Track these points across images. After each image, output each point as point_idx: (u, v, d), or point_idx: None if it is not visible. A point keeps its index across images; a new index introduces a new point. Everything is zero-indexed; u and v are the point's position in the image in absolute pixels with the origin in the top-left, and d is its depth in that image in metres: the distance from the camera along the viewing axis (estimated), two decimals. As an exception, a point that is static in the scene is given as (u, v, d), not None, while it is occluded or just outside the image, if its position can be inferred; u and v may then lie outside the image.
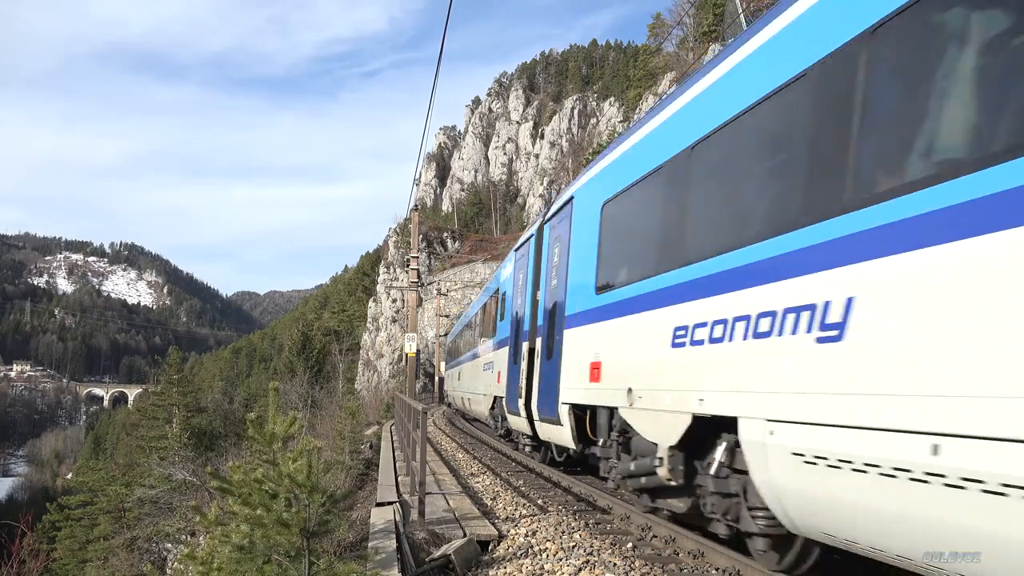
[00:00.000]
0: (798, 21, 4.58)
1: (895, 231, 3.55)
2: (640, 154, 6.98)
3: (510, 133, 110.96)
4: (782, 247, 4.41)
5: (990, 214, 3.05)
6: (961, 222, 3.19)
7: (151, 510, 30.00)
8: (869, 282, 3.67)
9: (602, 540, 6.81)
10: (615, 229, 7.59)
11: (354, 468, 19.55)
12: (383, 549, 6.10)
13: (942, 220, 3.29)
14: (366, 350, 72.83)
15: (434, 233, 71.83)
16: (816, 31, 4.36)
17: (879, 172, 3.81)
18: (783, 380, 4.28)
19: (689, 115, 6.00)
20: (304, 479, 4.92)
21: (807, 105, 4.37)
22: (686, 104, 6.11)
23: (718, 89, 5.55)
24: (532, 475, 11.95)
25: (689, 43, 58.34)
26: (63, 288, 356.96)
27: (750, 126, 5.01)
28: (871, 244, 3.68)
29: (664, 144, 6.37)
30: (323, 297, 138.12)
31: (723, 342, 4.93)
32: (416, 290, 26.57)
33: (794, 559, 5.03)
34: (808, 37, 4.43)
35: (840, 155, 4.03)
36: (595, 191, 8.27)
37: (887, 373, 3.52)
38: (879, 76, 3.88)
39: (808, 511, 4.26)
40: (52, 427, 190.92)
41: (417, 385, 30.84)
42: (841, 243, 3.90)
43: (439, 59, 10.96)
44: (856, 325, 3.73)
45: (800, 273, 4.21)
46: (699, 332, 5.28)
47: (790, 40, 4.64)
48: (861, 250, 3.74)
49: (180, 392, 44.60)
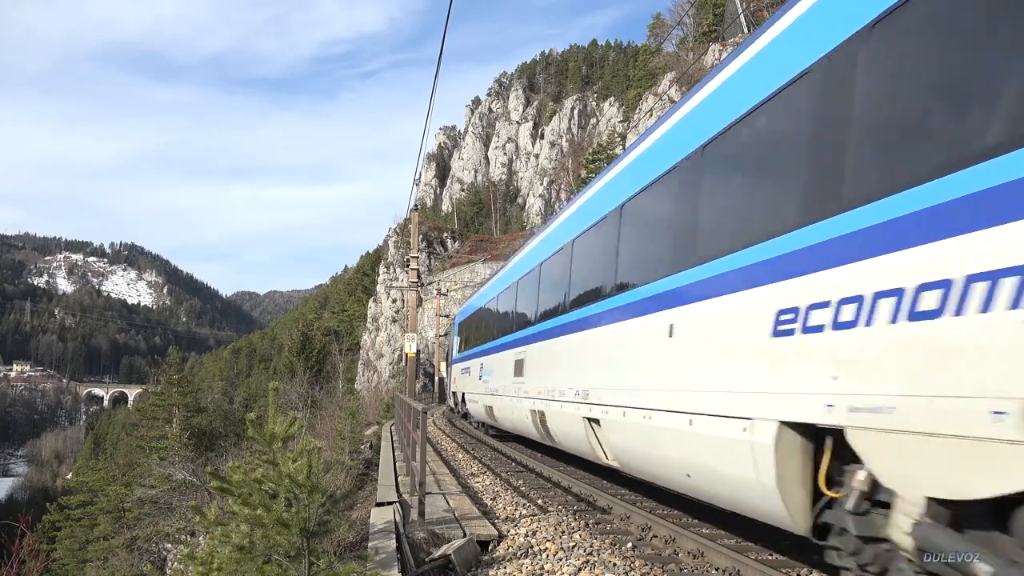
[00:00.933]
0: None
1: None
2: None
3: (510, 133, 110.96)
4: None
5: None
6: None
7: (151, 510, 30.00)
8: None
9: (602, 540, 6.81)
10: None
11: (354, 468, 19.56)
12: (383, 549, 6.10)
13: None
14: (366, 350, 72.83)
15: (434, 233, 71.82)
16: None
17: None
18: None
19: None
20: (304, 479, 4.92)
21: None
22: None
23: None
24: (532, 475, 11.95)
25: (689, 43, 58.34)
26: (63, 288, 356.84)
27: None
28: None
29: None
30: (323, 297, 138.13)
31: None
32: (416, 290, 26.57)
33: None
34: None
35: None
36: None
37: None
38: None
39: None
40: (52, 427, 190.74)
41: (417, 385, 30.84)
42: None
43: (439, 59, 10.96)
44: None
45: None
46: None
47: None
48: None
49: (180, 392, 44.60)
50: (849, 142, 4.16)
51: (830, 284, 4.13)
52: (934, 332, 3.38)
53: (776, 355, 4.60)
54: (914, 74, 3.78)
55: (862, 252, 3.89)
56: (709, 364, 5.48)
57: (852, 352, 3.90)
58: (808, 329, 4.28)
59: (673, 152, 6.50)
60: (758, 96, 5.10)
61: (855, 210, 3.99)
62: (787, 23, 4.93)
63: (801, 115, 4.65)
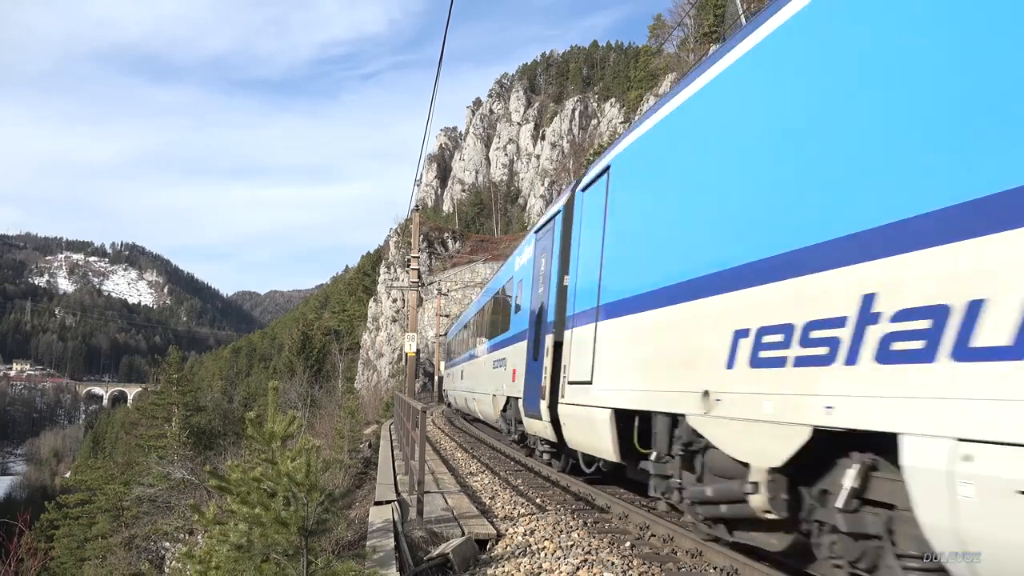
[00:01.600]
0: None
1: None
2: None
3: (511, 134, 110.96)
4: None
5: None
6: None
7: (149, 509, 29.97)
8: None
9: (600, 539, 6.81)
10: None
11: (353, 467, 19.57)
12: (381, 548, 6.10)
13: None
14: (366, 350, 72.83)
15: (435, 233, 71.84)
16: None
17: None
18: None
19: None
20: (303, 478, 4.92)
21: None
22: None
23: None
24: (531, 474, 11.95)
25: (690, 44, 58.34)
26: (63, 288, 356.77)
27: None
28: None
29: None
30: (323, 297, 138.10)
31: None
32: (416, 290, 26.58)
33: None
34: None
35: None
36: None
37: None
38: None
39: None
40: (51, 426, 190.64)
41: (417, 385, 30.84)
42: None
43: (440, 60, 10.97)
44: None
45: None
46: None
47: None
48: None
49: (179, 391, 44.55)
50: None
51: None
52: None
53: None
54: None
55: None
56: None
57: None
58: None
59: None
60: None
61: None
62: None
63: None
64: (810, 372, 4.05)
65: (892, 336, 3.49)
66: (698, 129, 5.89)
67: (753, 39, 5.02)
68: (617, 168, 7.84)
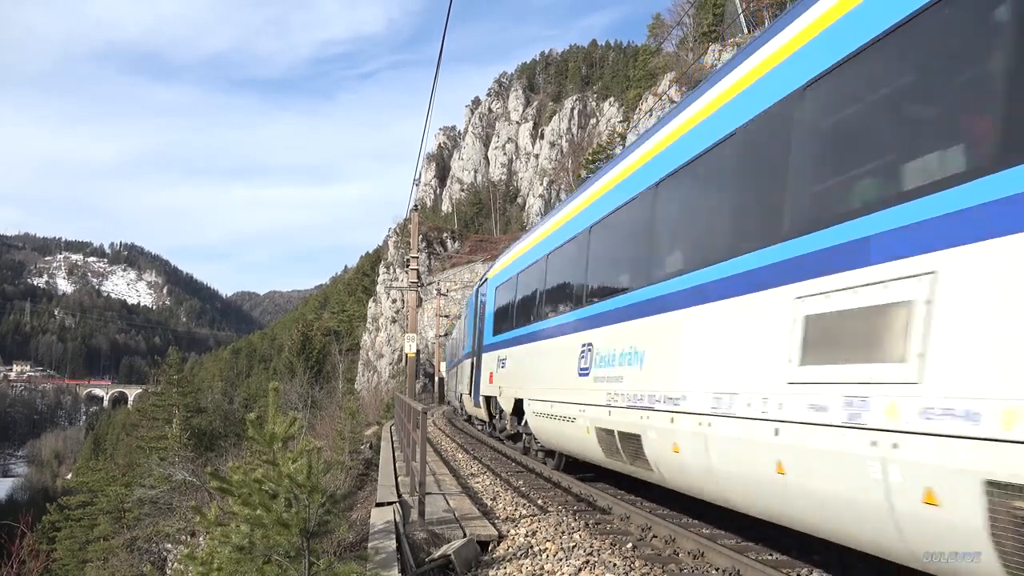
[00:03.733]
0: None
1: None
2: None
3: (510, 133, 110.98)
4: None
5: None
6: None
7: (151, 510, 29.99)
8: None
9: (602, 540, 6.81)
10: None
11: (354, 468, 19.58)
12: (383, 549, 6.10)
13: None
14: (366, 350, 72.88)
15: (434, 233, 71.89)
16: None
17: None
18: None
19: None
20: (304, 479, 4.92)
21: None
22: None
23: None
24: (532, 475, 11.96)
25: (689, 43, 58.33)
26: (63, 288, 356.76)
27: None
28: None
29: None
30: (323, 297, 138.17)
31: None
32: (416, 290, 26.57)
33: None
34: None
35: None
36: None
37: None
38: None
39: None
40: (52, 427, 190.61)
41: (417, 385, 30.85)
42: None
43: (439, 59, 10.97)
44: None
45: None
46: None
47: None
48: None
49: (180, 392, 44.58)
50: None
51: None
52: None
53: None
54: None
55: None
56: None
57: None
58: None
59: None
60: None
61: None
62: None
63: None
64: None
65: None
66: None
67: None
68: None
